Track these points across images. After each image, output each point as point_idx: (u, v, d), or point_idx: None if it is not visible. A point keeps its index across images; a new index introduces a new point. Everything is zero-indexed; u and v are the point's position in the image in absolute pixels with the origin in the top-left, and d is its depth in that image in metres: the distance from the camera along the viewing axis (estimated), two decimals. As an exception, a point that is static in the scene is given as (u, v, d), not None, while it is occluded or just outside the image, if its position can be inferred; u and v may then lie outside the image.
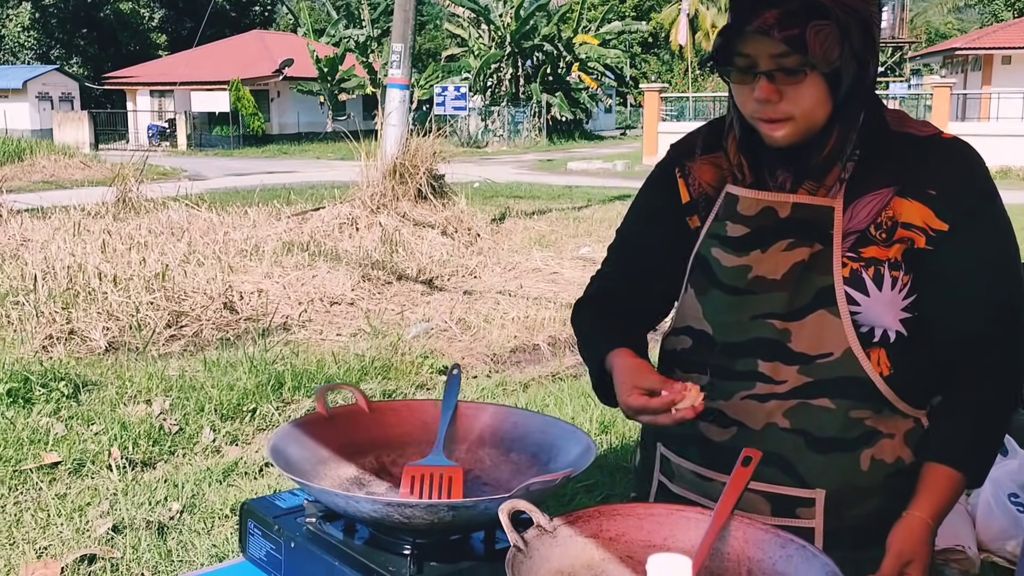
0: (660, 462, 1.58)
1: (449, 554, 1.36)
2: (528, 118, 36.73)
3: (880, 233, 1.37)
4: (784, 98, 1.32)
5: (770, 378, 1.41)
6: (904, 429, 1.42)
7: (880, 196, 1.37)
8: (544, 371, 5.93)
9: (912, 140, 1.40)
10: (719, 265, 1.44)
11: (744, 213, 1.42)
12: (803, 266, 1.38)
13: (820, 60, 1.29)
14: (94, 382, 5.24)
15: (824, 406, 1.39)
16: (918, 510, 1.36)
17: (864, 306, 1.37)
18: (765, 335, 1.41)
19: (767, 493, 1.42)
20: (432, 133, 11.60)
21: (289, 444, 1.49)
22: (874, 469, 1.41)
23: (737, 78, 1.36)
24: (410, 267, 8.87)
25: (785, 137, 1.36)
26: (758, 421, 1.42)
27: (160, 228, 9.50)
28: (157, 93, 37.48)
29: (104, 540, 3.41)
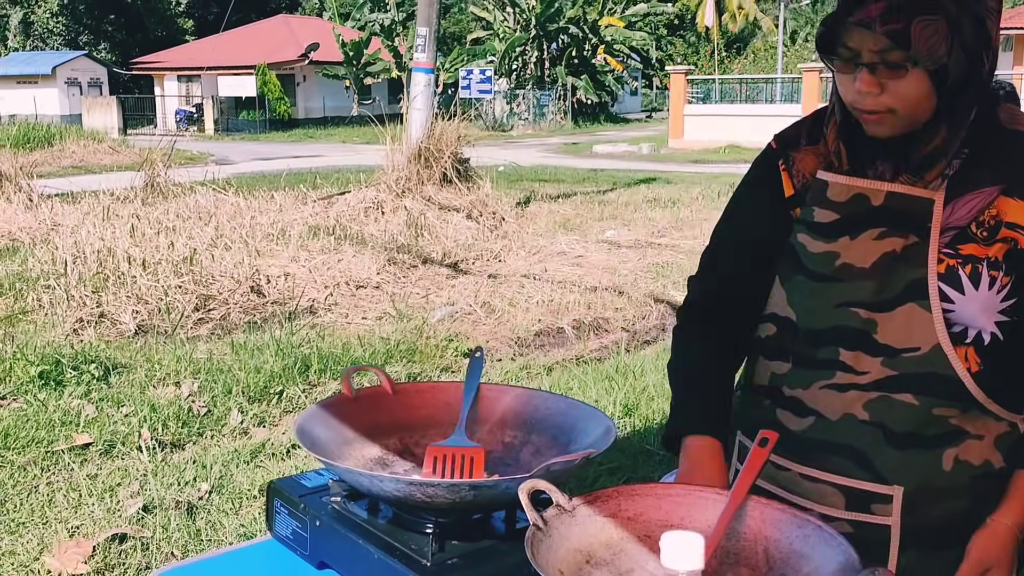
0: (738, 449, 1.56)
1: (470, 533, 1.38)
2: (553, 101, 36.63)
3: (981, 231, 1.33)
4: (885, 91, 1.29)
5: (852, 368, 1.38)
6: (996, 432, 1.38)
7: (984, 194, 1.32)
8: (568, 354, 5.95)
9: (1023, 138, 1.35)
10: (805, 251, 1.41)
11: (834, 199, 1.39)
12: (894, 257, 1.35)
13: (924, 56, 1.24)
14: (124, 365, 5.32)
15: (906, 401, 1.36)
16: (1004, 517, 1.33)
17: (958, 304, 1.32)
18: (849, 324, 1.38)
19: (842, 486, 1.40)
20: (457, 117, 11.60)
21: (315, 425, 1.52)
22: (958, 470, 1.37)
23: (840, 67, 1.33)
24: (435, 251, 8.91)
25: (886, 130, 1.33)
26: (836, 411, 1.39)
27: (188, 212, 9.58)
28: (184, 78, 37.72)
29: (134, 520, 3.47)
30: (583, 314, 6.79)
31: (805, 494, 1.44)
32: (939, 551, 1.37)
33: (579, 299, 7.09)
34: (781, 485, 1.46)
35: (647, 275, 8.08)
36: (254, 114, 35.35)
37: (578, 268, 8.46)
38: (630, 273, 8.16)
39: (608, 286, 7.60)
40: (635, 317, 6.82)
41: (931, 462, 1.37)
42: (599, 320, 6.71)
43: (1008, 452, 1.38)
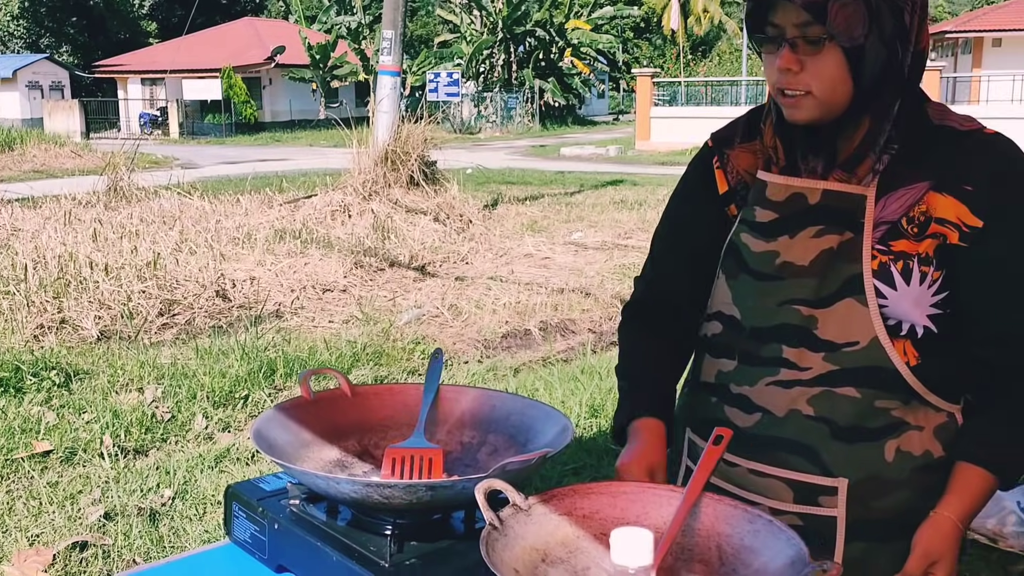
0: (688, 447, 1.58)
1: (430, 533, 1.39)
2: (521, 104, 36.68)
3: (912, 227, 1.35)
4: (804, 69, 1.32)
5: (795, 364, 1.40)
6: (935, 423, 1.40)
7: (914, 190, 1.35)
8: (535, 356, 5.96)
9: (952, 134, 1.37)
10: (748, 250, 1.44)
11: (773, 199, 1.42)
12: (831, 254, 1.37)
13: (841, 32, 1.28)
14: (86, 371, 5.26)
15: (849, 395, 1.38)
16: (947, 510, 1.35)
17: (891, 299, 1.35)
18: (791, 321, 1.40)
19: (789, 480, 1.42)
20: (424, 119, 11.59)
21: (273, 428, 1.52)
22: (900, 461, 1.39)
23: (766, 48, 1.36)
24: (402, 254, 8.89)
25: (803, 113, 1.35)
26: (782, 408, 1.42)
27: (152, 217, 9.50)
28: (148, 81, 37.37)
29: (96, 527, 3.44)
30: (550, 316, 6.81)
31: (755, 489, 1.46)
32: (884, 543, 1.40)
33: (546, 301, 7.11)
34: (731, 481, 1.48)
35: (613, 276, 8.11)
36: (219, 117, 35.07)
37: (545, 270, 8.49)
38: (596, 275, 8.20)
39: (575, 288, 7.63)
40: (601, 318, 6.84)
41: (874, 454, 1.39)
42: (565, 321, 6.74)
43: (946, 442, 1.41)
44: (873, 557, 1.39)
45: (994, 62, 29.42)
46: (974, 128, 1.37)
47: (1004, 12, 32.13)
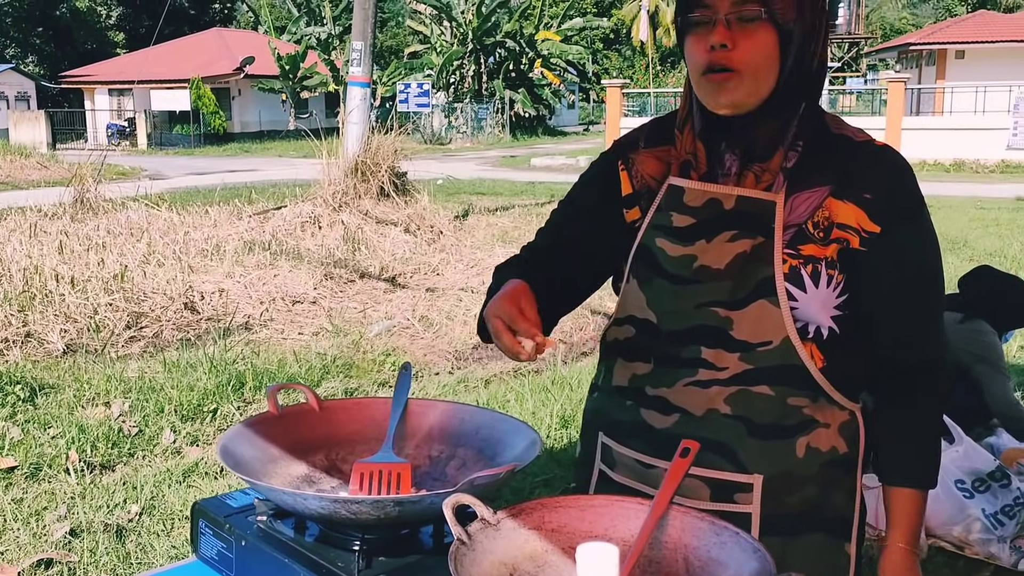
0: (601, 451, 1.59)
1: (398, 549, 1.39)
2: (491, 114, 36.73)
3: (818, 232, 1.40)
4: (736, 47, 1.35)
5: (713, 364, 1.43)
6: (839, 420, 1.46)
7: (817, 194, 1.40)
8: (506, 367, 5.95)
9: (849, 144, 1.44)
10: (664, 255, 1.46)
11: (690, 204, 1.45)
12: (745, 257, 1.41)
13: (778, 11, 1.34)
14: (51, 385, 5.19)
15: (763, 393, 1.42)
16: (899, 540, 1.44)
17: (801, 302, 1.40)
18: (708, 323, 1.43)
19: (707, 478, 1.45)
20: (394, 130, 11.58)
21: (239, 444, 1.51)
22: (809, 457, 1.44)
23: (694, 31, 1.39)
24: (372, 265, 8.86)
25: (728, 95, 1.37)
26: (700, 407, 1.45)
27: (119, 229, 9.40)
28: (116, 92, 37.03)
29: (61, 544, 3.39)
30: (521, 327, 6.80)
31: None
32: (794, 536, 1.45)
33: (517, 312, 7.10)
34: (648, 482, 1.49)
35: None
36: (188, 128, 34.82)
37: (516, 281, 8.48)
38: (567, 285, 8.20)
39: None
40: (572, 329, 6.85)
41: (786, 450, 1.44)
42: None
43: (849, 439, 1.47)
44: (786, 552, 1.41)
45: (957, 74, 29.84)
46: (867, 139, 1.45)
47: (967, 25, 32.63)
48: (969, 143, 22.21)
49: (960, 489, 3.32)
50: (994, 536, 3.26)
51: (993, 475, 3.36)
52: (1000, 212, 13.77)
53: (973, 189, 17.42)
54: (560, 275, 1.57)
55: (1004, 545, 3.27)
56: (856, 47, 44.23)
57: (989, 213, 13.67)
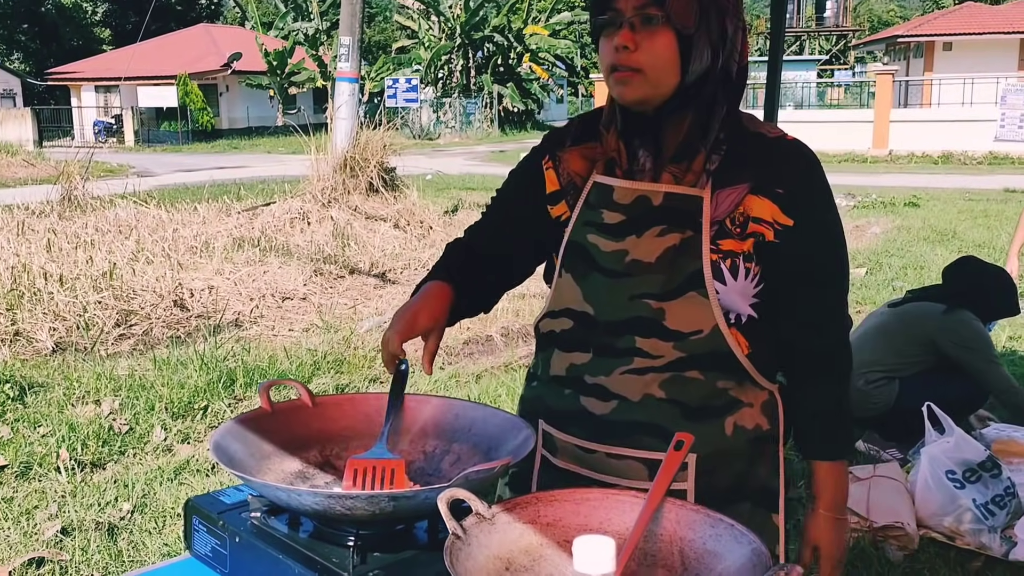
0: (542, 438, 1.65)
1: (393, 544, 1.38)
2: (480, 109, 36.68)
3: (735, 227, 1.49)
4: (639, 48, 1.44)
5: (648, 353, 1.51)
6: (760, 400, 1.58)
7: (737, 191, 1.49)
8: (497, 362, 5.96)
9: (763, 141, 1.52)
10: (597, 250, 1.54)
11: (620, 201, 1.52)
12: (675, 251, 1.49)
13: (677, 15, 1.43)
14: (40, 384, 5.17)
15: (694, 377, 1.52)
16: (821, 507, 1.58)
17: (723, 293, 1.49)
18: (642, 314, 1.51)
19: (646, 459, 1.53)
20: (383, 126, 11.55)
21: (232, 441, 1.50)
22: (737, 434, 1.55)
23: (605, 32, 1.48)
24: (362, 261, 8.85)
25: (632, 91, 1.46)
26: (637, 393, 1.52)
27: (107, 226, 9.36)
28: (102, 89, 36.85)
29: (53, 543, 3.38)
30: (511, 321, 6.81)
31: (612, 472, 1.56)
32: (731, 508, 1.51)
33: (507, 306, 7.10)
34: (589, 466, 1.58)
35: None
36: (176, 125, 34.67)
37: (506, 276, 8.48)
38: (558, 280, 8.20)
39: (536, 293, 7.63)
40: (563, 323, 6.86)
41: (717, 430, 1.54)
42: (527, 327, 6.74)
43: (770, 416, 1.59)
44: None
45: (945, 66, 29.95)
46: (779, 135, 1.54)
47: (954, 17, 32.74)
48: (957, 135, 22.30)
49: (951, 480, 3.33)
50: (985, 526, 3.28)
51: (984, 465, 3.38)
52: (988, 203, 13.82)
53: (961, 181, 17.49)
54: (497, 260, 1.71)
55: (995, 535, 3.28)
56: (844, 40, 44.35)
57: (977, 204, 13.72)
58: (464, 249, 1.73)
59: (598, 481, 1.55)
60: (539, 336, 1.67)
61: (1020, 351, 5.99)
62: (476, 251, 1.72)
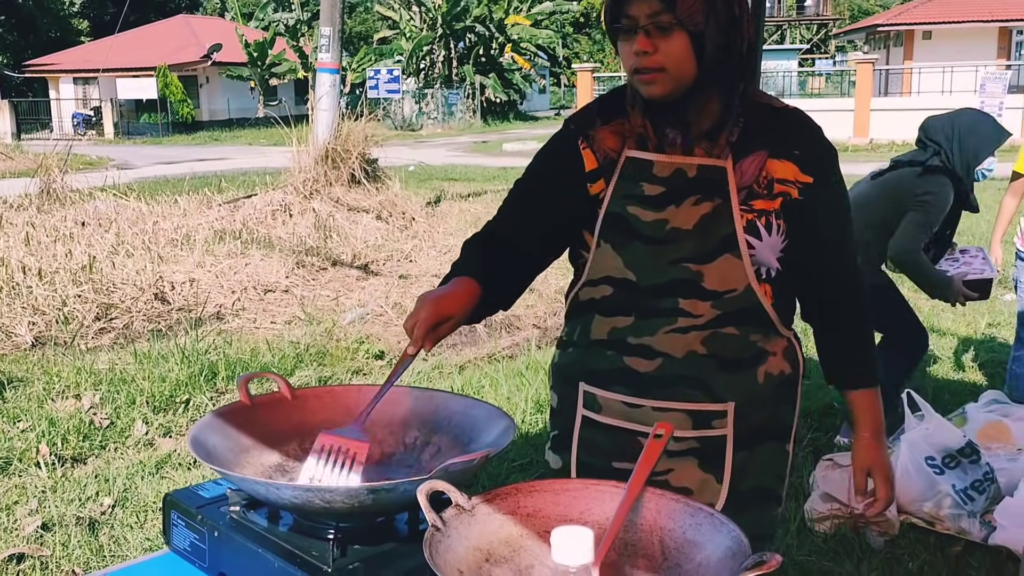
0: (583, 399, 1.74)
1: (373, 537, 1.38)
2: (462, 100, 36.57)
3: (762, 189, 1.62)
4: (658, 51, 1.54)
5: (689, 313, 1.63)
6: (782, 347, 1.72)
7: (758, 158, 1.62)
8: (480, 353, 5.95)
9: (772, 111, 1.67)
10: (638, 220, 1.64)
11: (659, 175, 1.63)
12: (708, 217, 1.61)
13: (687, 18, 1.51)
14: (20, 378, 5.13)
15: (731, 333, 1.65)
16: (864, 432, 1.73)
17: (757, 249, 1.62)
18: (682, 276, 1.63)
19: (688, 411, 1.66)
20: (365, 117, 11.49)
21: (211, 434, 1.49)
22: (767, 381, 1.70)
23: (622, 37, 1.58)
24: (345, 253, 8.82)
25: (659, 89, 1.56)
26: (680, 350, 1.64)
27: (87, 219, 9.27)
28: (81, 80, 36.50)
29: (33, 538, 3.35)
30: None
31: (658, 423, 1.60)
32: (759, 446, 1.71)
33: (490, 297, 7.09)
34: (634, 420, 1.69)
35: (557, 272, 8.11)
36: (156, 117, 34.40)
37: (489, 266, 8.46)
38: (540, 270, 8.19)
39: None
40: (546, 314, 6.86)
41: (751, 379, 1.68)
42: (510, 318, 6.74)
43: (791, 361, 1.73)
44: (751, 460, 1.71)
45: (925, 54, 30.06)
46: (783, 105, 1.69)
47: (934, 5, 32.85)
48: None
49: (930, 466, 3.35)
50: (964, 511, 3.30)
51: (963, 451, 3.40)
52: (968, 191, 13.89)
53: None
54: (523, 250, 1.74)
55: (974, 520, 3.31)
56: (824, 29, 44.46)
57: (957, 193, 13.78)
58: (489, 246, 1.74)
59: (643, 432, 1.64)
60: (576, 304, 1.76)
61: (999, 338, 6.03)
62: (502, 244, 1.73)
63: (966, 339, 5.99)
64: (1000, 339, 5.99)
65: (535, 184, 1.77)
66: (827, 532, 3.37)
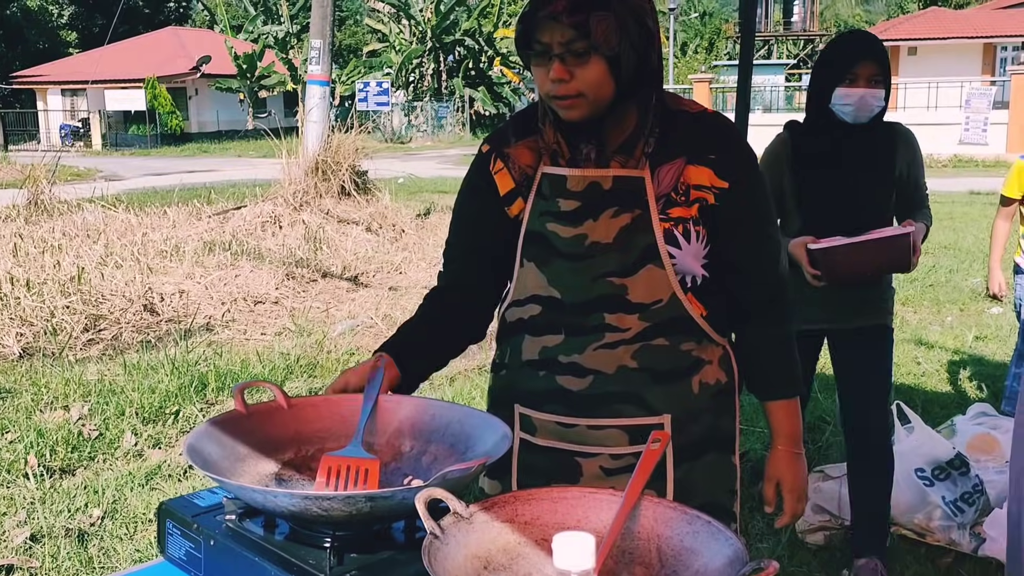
0: (520, 421, 1.73)
1: (370, 545, 1.38)
2: (451, 113, 36.65)
3: (680, 196, 1.61)
4: (574, 78, 1.52)
5: (617, 327, 1.62)
6: (717, 355, 1.70)
7: (675, 165, 1.61)
8: (470, 364, 5.95)
9: (688, 116, 1.65)
10: (557, 237, 1.63)
11: (573, 189, 1.62)
12: (628, 229, 1.60)
13: (602, 44, 1.50)
14: (8, 390, 5.11)
15: (661, 344, 1.63)
16: (779, 444, 1.74)
17: (679, 258, 1.61)
18: (607, 292, 1.61)
19: (625, 427, 1.65)
20: (354, 129, 11.51)
21: (207, 443, 1.49)
22: (703, 391, 1.68)
23: (535, 62, 1.56)
24: (335, 264, 8.81)
25: (578, 113, 1.55)
26: (611, 366, 1.63)
27: (75, 230, 9.25)
28: (69, 92, 36.42)
29: (22, 550, 3.34)
30: (485, 324, 6.80)
31: (593, 442, 1.67)
32: (699, 459, 1.69)
33: (480, 309, 7.10)
34: (569, 440, 1.67)
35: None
36: (144, 128, 34.34)
37: (479, 279, 8.47)
38: (530, 282, 8.21)
39: (509, 296, 7.64)
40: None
41: (686, 390, 1.67)
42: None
43: (727, 370, 1.71)
44: (694, 472, 1.69)
45: (910, 70, 30.27)
46: (701, 110, 1.67)
47: (919, 21, 33.11)
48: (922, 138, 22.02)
49: (920, 477, 3.37)
50: (954, 523, 3.32)
51: (952, 463, 3.42)
52: (954, 206, 13.99)
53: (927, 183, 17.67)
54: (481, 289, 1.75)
55: (964, 531, 3.32)
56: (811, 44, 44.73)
57: (943, 207, 13.87)
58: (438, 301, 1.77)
59: (580, 452, 1.65)
60: (505, 325, 1.75)
61: (986, 350, 6.07)
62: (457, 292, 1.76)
63: (954, 352, 6.02)
64: (987, 352, 6.02)
65: (462, 222, 1.79)
66: (818, 544, 3.38)
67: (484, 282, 1.75)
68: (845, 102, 2.81)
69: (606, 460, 1.66)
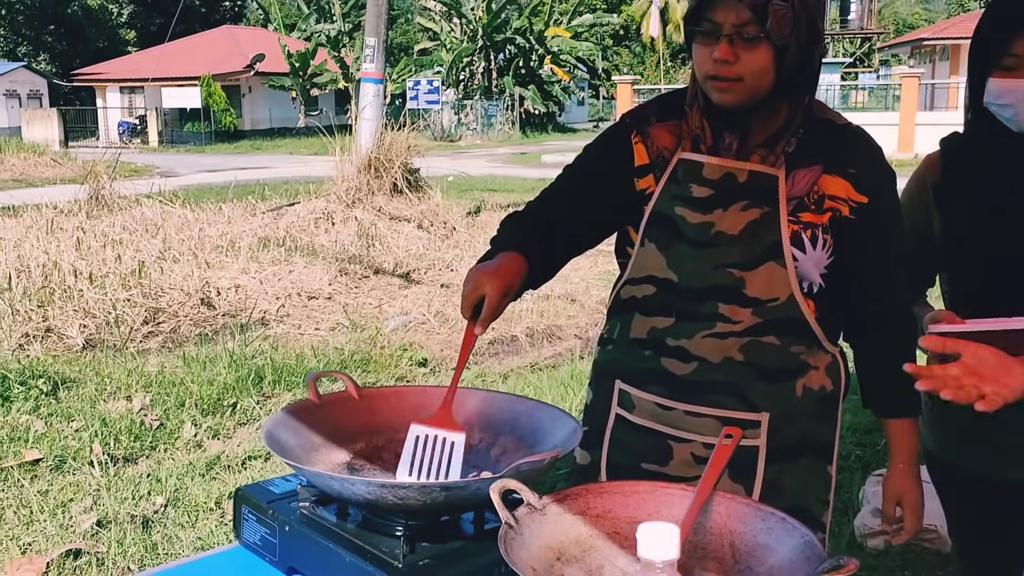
0: (618, 396, 1.74)
1: (440, 535, 1.40)
2: (501, 111, 36.70)
3: (812, 203, 1.61)
4: (739, 60, 1.51)
5: (729, 318, 1.62)
6: (825, 363, 1.68)
7: (812, 172, 1.61)
8: (523, 362, 5.97)
9: (832, 126, 1.64)
10: (684, 222, 1.63)
11: (708, 177, 1.62)
12: (756, 224, 1.60)
13: (775, 32, 1.49)
14: (72, 379, 5.23)
15: (771, 342, 1.63)
16: (899, 462, 1.69)
17: (801, 262, 1.60)
18: (724, 282, 1.61)
19: (721, 417, 1.63)
20: (406, 127, 11.59)
21: (283, 431, 1.52)
22: (805, 395, 1.66)
23: (700, 40, 1.55)
24: (387, 261, 8.88)
25: (732, 98, 1.55)
26: (717, 356, 1.63)
27: (134, 225, 9.44)
28: (127, 90, 37.13)
29: (89, 535, 3.42)
30: (536, 322, 6.82)
31: (689, 428, 1.66)
32: (791, 462, 1.67)
33: (531, 307, 7.12)
34: (666, 423, 1.68)
35: (598, 282, 8.14)
36: (199, 126, 34.89)
37: (530, 276, 8.48)
38: (581, 280, 8.22)
39: (560, 294, 7.65)
40: (587, 324, 6.87)
41: (789, 392, 1.66)
42: (552, 328, 6.75)
43: (833, 378, 1.69)
44: (784, 475, 1.67)
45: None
46: (845, 123, 1.66)
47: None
48: None
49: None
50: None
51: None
52: None
53: None
54: (559, 233, 1.72)
55: None
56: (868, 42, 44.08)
57: None
58: (531, 221, 1.74)
59: (674, 436, 1.66)
60: (617, 302, 1.75)
61: None
62: (541, 223, 1.72)
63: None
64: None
65: (583, 171, 1.77)
66: (878, 548, 3.34)
67: (566, 231, 1.73)
68: (1002, 100, 1.72)
69: (698, 448, 1.65)
